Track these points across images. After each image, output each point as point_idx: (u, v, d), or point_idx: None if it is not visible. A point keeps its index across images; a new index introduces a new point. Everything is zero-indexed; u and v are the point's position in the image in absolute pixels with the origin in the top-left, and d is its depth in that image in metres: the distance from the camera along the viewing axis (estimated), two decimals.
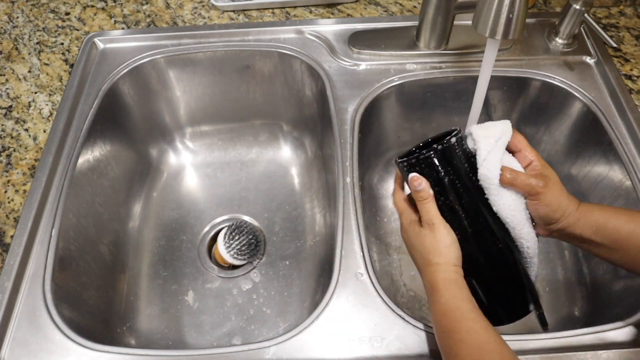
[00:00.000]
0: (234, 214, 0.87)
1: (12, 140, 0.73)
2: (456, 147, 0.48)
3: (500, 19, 0.47)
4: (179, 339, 0.74)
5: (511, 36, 0.48)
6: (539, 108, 0.80)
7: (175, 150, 0.92)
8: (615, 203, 0.70)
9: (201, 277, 0.80)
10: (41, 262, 0.60)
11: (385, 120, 0.82)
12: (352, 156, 0.69)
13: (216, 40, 0.81)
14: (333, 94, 0.75)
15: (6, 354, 0.55)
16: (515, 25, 0.47)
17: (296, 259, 0.82)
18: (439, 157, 0.47)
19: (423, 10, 0.72)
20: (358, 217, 0.63)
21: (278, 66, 0.82)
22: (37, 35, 0.87)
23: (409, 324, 0.55)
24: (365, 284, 0.58)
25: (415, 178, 0.49)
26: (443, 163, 0.48)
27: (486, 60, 0.50)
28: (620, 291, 0.67)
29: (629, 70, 0.77)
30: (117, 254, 0.76)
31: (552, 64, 0.77)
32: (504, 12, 0.46)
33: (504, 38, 0.48)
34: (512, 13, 0.46)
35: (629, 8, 0.86)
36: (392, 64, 0.78)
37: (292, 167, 0.92)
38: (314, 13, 0.87)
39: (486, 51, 0.50)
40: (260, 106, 0.89)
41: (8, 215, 0.65)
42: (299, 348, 0.54)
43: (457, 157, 0.48)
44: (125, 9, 0.90)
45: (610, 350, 0.53)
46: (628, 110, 0.71)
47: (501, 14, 0.46)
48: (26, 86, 0.79)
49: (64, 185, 0.66)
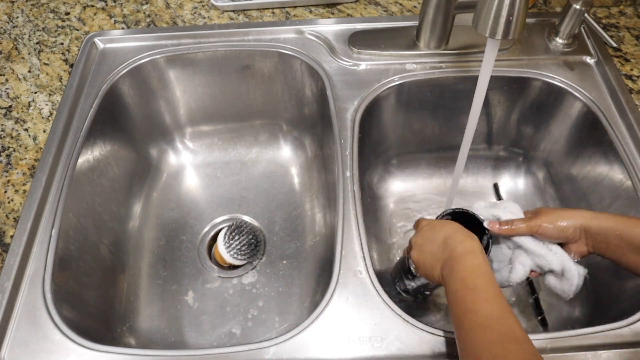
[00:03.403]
0: (234, 214, 0.87)
1: (12, 140, 0.73)
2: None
3: (501, 19, 0.47)
4: (179, 339, 0.74)
5: (511, 36, 0.48)
6: (539, 108, 0.80)
7: (175, 150, 0.92)
8: (616, 203, 0.70)
9: (201, 277, 0.80)
10: (41, 262, 0.60)
11: (385, 120, 0.82)
12: (352, 156, 0.69)
13: (216, 40, 0.81)
14: (333, 94, 0.75)
15: (6, 354, 0.55)
16: (515, 25, 0.47)
17: (296, 258, 0.82)
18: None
19: (423, 10, 0.72)
20: (358, 217, 0.63)
21: (278, 66, 0.82)
22: (37, 35, 0.87)
23: (409, 324, 0.55)
24: (365, 283, 0.58)
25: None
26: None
27: (486, 60, 0.50)
28: (620, 291, 0.67)
29: (629, 70, 0.77)
30: (117, 254, 0.76)
31: (552, 64, 0.77)
32: (504, 12, 0.46)
33: (504, 38, 0.48)
34: (512, 13, 0.46)
35: (629, 8, 0.86)
36: (392, 64, 0.78)
37: (292, 167, 0.92)
38: (314, 13, 0.87)
39: (486, 51, 0.50)
40: (260, 106, 0.89)
41: (8, 215, 0.65)
42: (299, 348, 0.54)
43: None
44: (125, 9, 0.90)
45: (610, 350, 0.53)
46: (628, 110, 0.71)
47: (501, 14, 0.46)
48: (26, 86, 0.79)
49: (64, 185, 0.66)
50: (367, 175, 0.87)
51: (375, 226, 0.85)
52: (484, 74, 0.52)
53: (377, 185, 0.89)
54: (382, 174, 0.90)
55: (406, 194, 0.89)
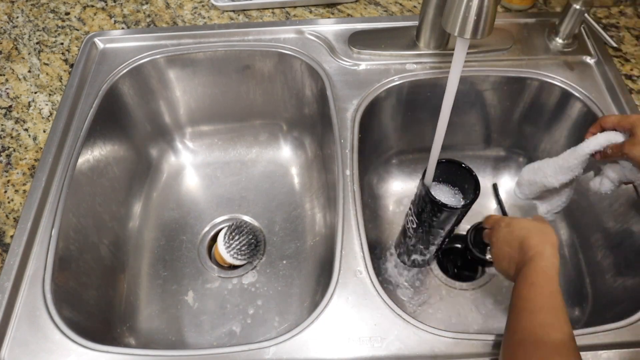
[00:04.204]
0: (234, 214, 0.87)
1: (12, 140, 0.73)
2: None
3: (469, 19, 0.46)
4: (179, 339, 0.74)
5: (480, 36, 0.47)
6: (539, 108, 0.80)
7: (175, 150, 0.92)
8: (616, 203, 0.70)
9: (201, 277, 0.80)
10: (41, 262, 0.60)
11: (385, 120, 0.82)
12: (352, 155, 0.69)
13: (216, 40, 0.81)
14: (333, 94, 0.75)
15: (6, 354, 0.55)
16: (483, 25, 0.47)
17: (296, 258, 0.82)
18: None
19: (423, 10, 0.72)
20: (358, 217, 0.63)
21: (278, 66, 0.82)
22: (37, 35, 0.87)
23: (409, 324, 0.55)
24: (365, 283, 0.58)
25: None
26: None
27: (456, 60, 0.49)
28: (620, 291, 0.67)
29: (629, 70, 0.77)
30: (117, 254, 0.76)
31: (552, 64, 0.77)
32: (472, 11, 0.46)
33: (473, 38, 0.48)
34: (481, 13, 0.46)
35: (629, 8, 0.86)
36: (392, 64, 0.78)
37: (292, 167, 0.92)
38: (314, 13, 0.87)
39: (456, 50, 0.49)
40: (260, 106, 0.89)
41: (8, 215, 0.65)
42: (299, 348, 0.54)
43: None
44: (125, 9, 0.90)
45: (610, 350, 0.53)
46: (628, 110, 0.71)
47: (469, 13, 0.46)
48: (26, 86, 0.79)
49: (64, 185, 0.66)
50: (367, 176, 0.87)
51: (375, 226, 0.85)
52: (453, 74, 0.51)
53: (377, 185, 0.89)
54: (382, 174, 0.90)
55: (406, 194, 0.90)
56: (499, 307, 0.76)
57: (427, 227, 0.64)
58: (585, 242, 0.78)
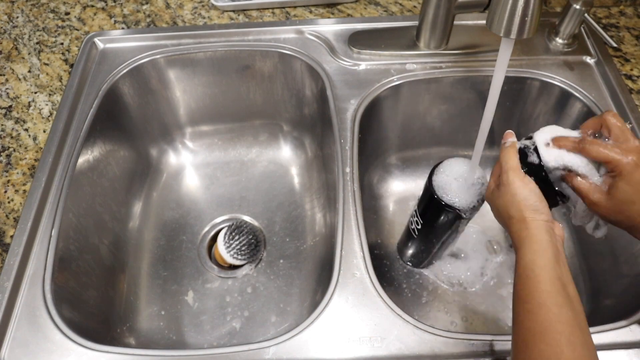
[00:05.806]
0: (234, 214, 0.87)
1: (12, 140, 0.73)
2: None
3: (515, 19, 0.46)
4: (179, 339, 0.74)
5: (526, 35, 0.48)
6: (539, 108, 0.80)
7: (175, 150, 0.92)
8: None
9: (201, 277, 0.80)
10: (41, 262, 0.60)
11: (385, 120, 0.82)
12: (352, 156, 0.69)
13: (216, 40, 0.81)
14: (333, 94, 0.75)
15: (6, 354, 0.55)
16: (530, 24, 0.47)
17: (296, 258, 0.82)
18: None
19: (423, 10, 0.72)
20: (358, 217, 0.63)
21: (278, 66, 0.82)
22: (37, 35, 0.87)
23: (409, 324, 0.55)
24: (365, 283, 0.58)
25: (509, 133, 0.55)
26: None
27: (500, 60, 0.50)
28: (620, 291, 0.67)
29: (629, 70, 0.77)
30: (117, 254, 0.76)
31: (552, 64, 0.77)
32: (518, 11, 0.46)
33: (519, 37, 0.48)
34: (527, 12, 0.46)
35: (629, 8, 0.86)
36: (392, 64, 0.78)
37: (292, 167, 0.92)
38: (314, 13, 0.87)
39: (500, 51, 0.49)
40: (260, 106, 0.89)
41: (8, 215, 0.65)
42: (299, 348, 0.54)
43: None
44: (125, 9, 0.90)
45: (611, 351, 0.53)
46: (628, 110, 0.71)
47: (516, 13, 0.46)
48: (26, 86, 0.79)
49: (64, 185, 0.66)
50: (367, 175, 0.87)
51: (375, 226, 0.85)
52: (498, 74, 0.51)
53: (377, 185, 0.89)
54: (382, 174, 0.90)
55: (406, 194, 0.90)
56: (499, 307, 0.76)
57: (430, 227, 0.63)
58: (585, 242, 0.78)
